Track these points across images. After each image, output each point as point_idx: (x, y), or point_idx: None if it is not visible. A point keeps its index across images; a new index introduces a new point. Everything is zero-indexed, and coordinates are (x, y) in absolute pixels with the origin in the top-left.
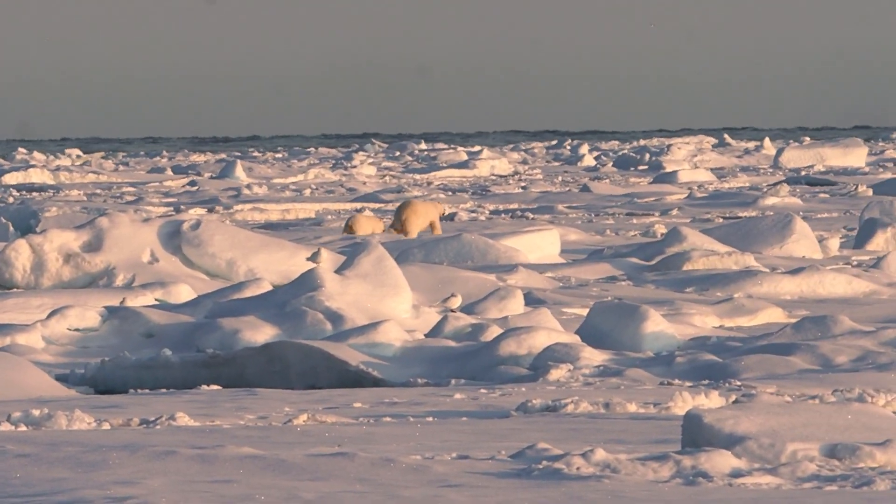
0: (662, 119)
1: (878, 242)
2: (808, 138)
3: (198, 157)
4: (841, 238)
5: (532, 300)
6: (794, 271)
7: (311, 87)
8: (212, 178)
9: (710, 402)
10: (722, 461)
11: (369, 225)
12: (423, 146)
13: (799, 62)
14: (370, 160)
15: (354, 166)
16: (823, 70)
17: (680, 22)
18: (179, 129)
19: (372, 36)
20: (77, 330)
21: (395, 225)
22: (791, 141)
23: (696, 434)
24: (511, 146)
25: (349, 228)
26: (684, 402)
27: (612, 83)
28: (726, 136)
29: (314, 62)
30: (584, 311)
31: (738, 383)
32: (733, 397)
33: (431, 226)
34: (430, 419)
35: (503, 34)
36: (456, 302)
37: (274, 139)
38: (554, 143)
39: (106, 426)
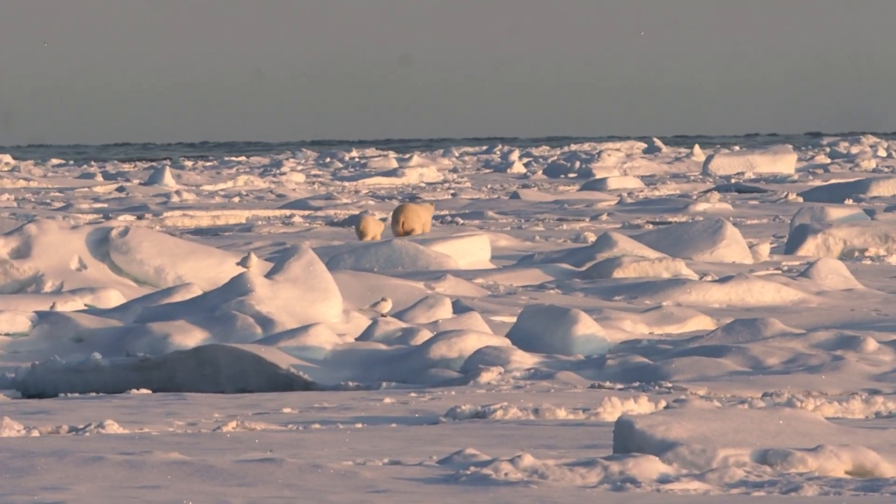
0: (593, 125)
1: (809, 248)
2: (737, 146)
3: (127, 167)
4: (771, 244)
5: (460, 308)
6: (723, 279)
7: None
8: (141, 184)
9: (639, 407)
10: (650, 467)
11: (378, 226)
12: (354, 154)
13: (730, 69)
14: (300, 167)
15: (284, 173)
16: (753, 76)
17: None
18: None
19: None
20: (7, 335)
21: (394, 228)
22: (720, 148)
23: (628, 440)
24: (442, 152)
25: (360, 229)
26: (613, 407)
27: (545, 89)
28: (656, 140)
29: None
30: (513, 319)
31: (669, 385)
32: (663, 402)
33: (423, 226)
34: (360, 425)
35: (435, 41)
36: (386, 306)
37: (203, 146)
38: (485, 148)
39: (35, 434)
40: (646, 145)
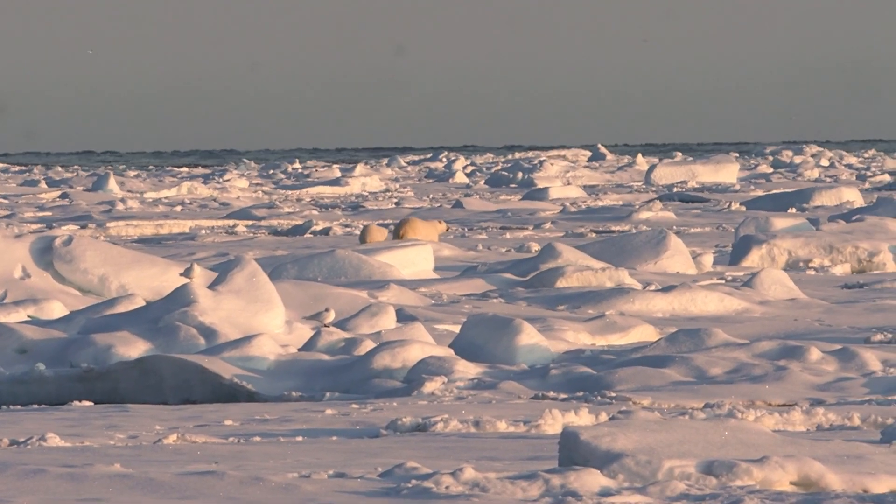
0: (537, 134)
1: (753, 259)
2: (679, 154)
3: (69, 174)
4: (714, 254)
5: (404, 316)
6: (666, 289)
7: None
8: (85, 191)
9: (580, 419)
10: (591, 480)
11: (381, 234)
12: (297, 165)
13: (674, 78)
14: (242, 176)
15: (227, 181)
16: (698, 86)
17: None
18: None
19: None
20: None
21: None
22: (662, 157)
23: (573, 451)
24: (385, 162)
25: (364, 238)
26: (554, 419)
27: (487, 97)
28: (601, 146)
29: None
30: (456, 328)
31: (613, 395)
32: (604, 414)
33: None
34: (301, 438)
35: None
36: (329, 317)
37: (145, 155)
38: (429, 156)
39: None
40: (590, 153)
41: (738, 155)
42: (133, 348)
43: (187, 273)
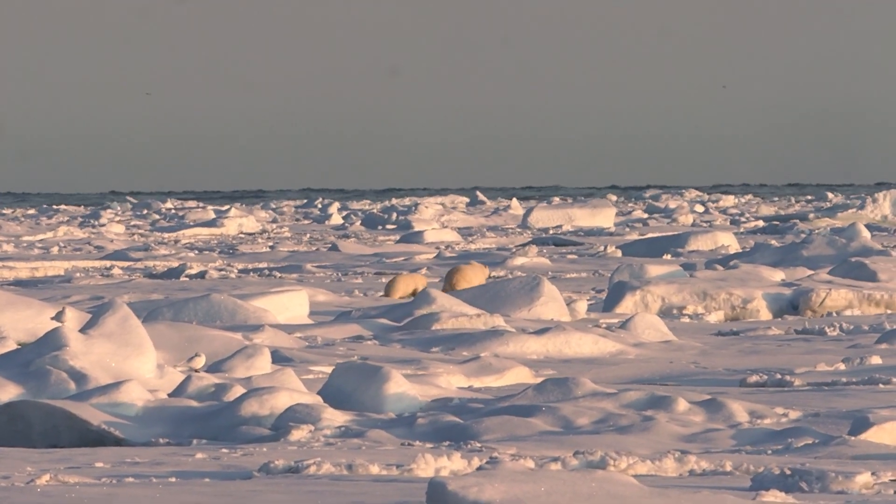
0: (414, 178)
1: (627, 306)
2: (557, 198)
3: None
4: (589, 300)
5: (279, 358)
6: (541, 331)
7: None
8: None
9: (452, 463)
10: None
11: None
12: (170, 205)
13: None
14: (118, 218)
15: (103, 224)
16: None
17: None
18: None
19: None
20: None
21: (444, 288)
22: (536, 200)
23: (440, 501)
24: (260, 204)
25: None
26: (427, 463)
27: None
28: (479, 193)
29: (56, 121)
30: (331, 370)
31: (479, 445)
32: (476, 460)
33: None
34: (173, 479)
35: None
36: (200, 362)
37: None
38: (304, 202)
39: None
40: (468, 199)
41: (617, 198)
42: (3, 392)
43: (59, 317)
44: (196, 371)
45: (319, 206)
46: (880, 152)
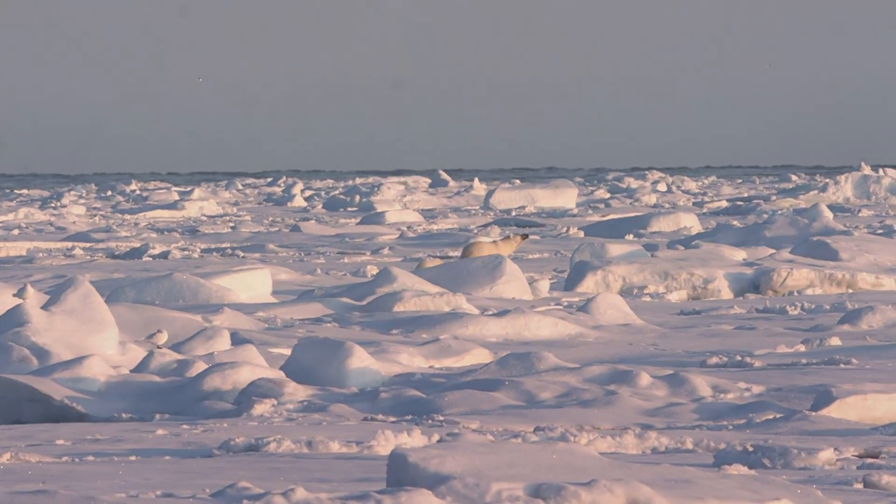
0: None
1: (589, 285)
2: (518, 180)
3: None
4: (551, 279)
5: (239, 340)
6: (501, 314)
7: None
8: None
9: (412, 440)
10: (423, 501)
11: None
12: (134, 186)
13: (513, 101)
14: (81, 200)
15: (64, 206)
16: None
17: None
18: None
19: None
20: None
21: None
22: (499, 181)
23: (401, 473)
24: (225, 185)
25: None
26: (387, 440)
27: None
28: (442, 173)
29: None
30: (289, 352)
31: (442, 419)
32: (436, 435)
33: None
34: (134, 458)
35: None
36: (162, 338)
37: None
38: (269, 181)
39: None
40: (431, 180)
41: (581, 180)
42: None
43: (20, 294)
44: (158, 347)
45: (282, 186)
46: (846, 136)
